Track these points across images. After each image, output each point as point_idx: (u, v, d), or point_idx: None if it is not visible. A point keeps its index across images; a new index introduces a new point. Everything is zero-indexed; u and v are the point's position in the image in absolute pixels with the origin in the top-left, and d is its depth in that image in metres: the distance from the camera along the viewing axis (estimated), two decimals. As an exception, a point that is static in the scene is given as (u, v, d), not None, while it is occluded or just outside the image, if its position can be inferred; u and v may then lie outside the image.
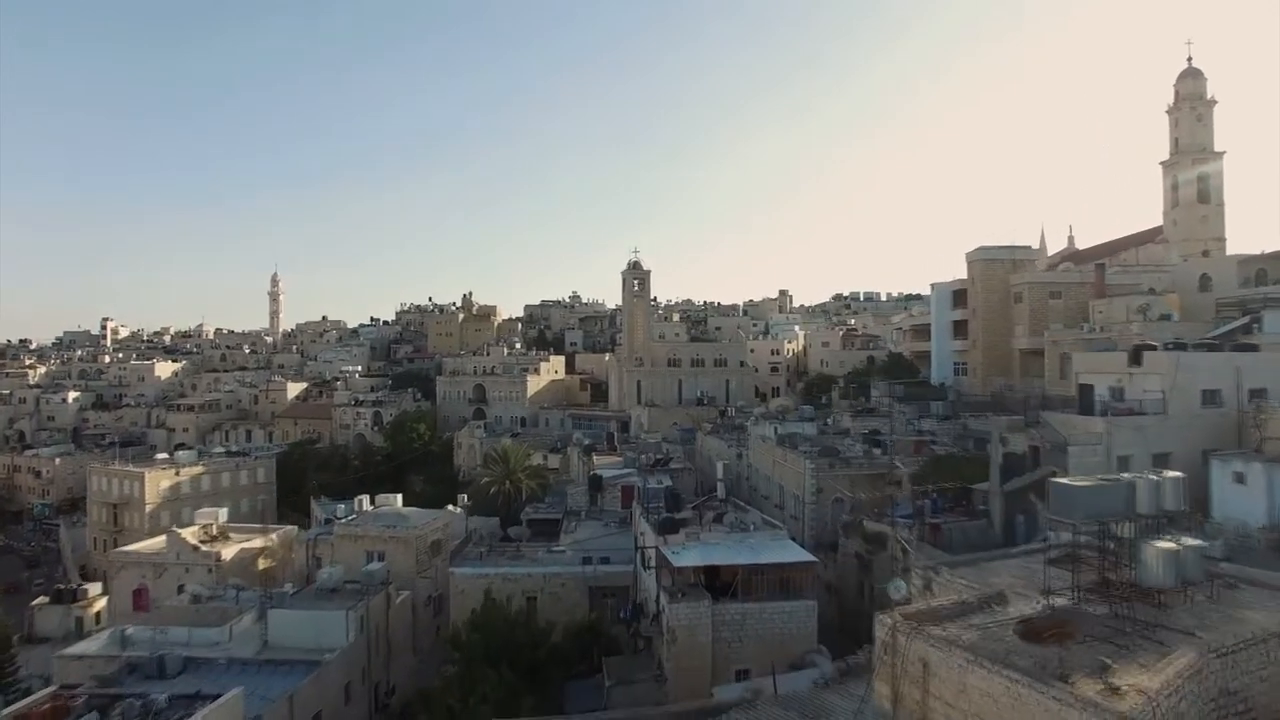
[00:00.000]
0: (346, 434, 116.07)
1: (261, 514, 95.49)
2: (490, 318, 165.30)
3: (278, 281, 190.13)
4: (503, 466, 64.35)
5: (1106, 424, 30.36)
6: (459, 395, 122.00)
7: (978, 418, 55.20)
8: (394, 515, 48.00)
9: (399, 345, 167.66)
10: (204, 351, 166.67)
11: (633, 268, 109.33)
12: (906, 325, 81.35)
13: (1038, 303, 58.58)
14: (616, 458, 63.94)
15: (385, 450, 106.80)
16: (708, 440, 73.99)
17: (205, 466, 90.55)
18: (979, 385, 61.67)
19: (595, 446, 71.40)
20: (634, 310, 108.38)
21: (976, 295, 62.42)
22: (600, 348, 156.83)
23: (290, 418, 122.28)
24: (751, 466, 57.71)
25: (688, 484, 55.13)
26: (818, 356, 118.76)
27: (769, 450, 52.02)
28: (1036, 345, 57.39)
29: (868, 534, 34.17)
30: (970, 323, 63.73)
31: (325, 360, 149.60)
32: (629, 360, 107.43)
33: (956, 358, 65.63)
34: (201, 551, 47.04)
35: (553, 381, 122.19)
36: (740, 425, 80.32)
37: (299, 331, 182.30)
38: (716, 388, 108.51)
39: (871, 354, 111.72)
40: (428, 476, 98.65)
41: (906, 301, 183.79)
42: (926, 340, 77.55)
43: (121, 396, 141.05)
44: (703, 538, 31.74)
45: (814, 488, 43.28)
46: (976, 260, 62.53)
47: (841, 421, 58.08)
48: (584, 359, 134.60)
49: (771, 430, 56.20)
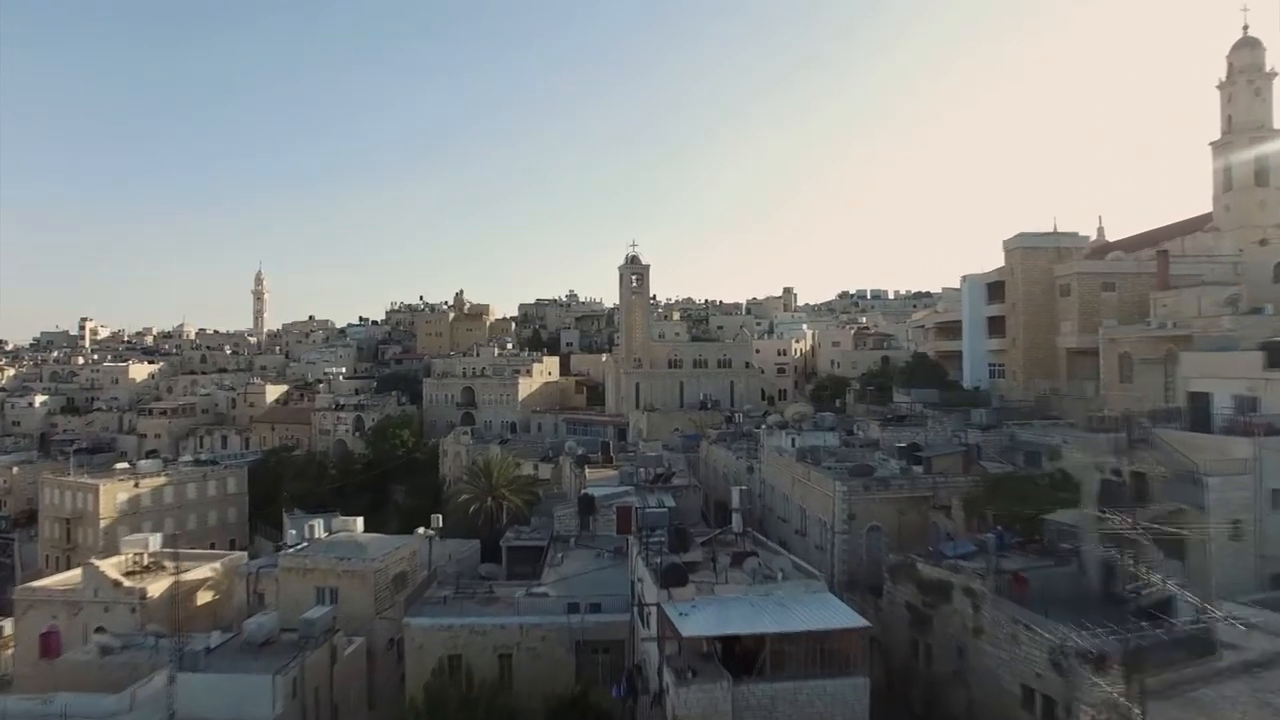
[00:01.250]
0: (326, 440, 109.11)
1: (231, 528, 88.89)
2: (482, 317, 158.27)
3: (262, 280, 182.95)
4: (484, 481, 57.39)
5: (1255, 446, 23.47)
6: (446, 399, 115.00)
7: (1022, 425, 48.36)
8: (350, 544, 40.99)
9: (387, 346, 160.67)
10: (183, 353, 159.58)
11: (630, 262, 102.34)
12: (930, 323, 74.45)
13: (1088, 296, 51.65)
14: (612, 471, 56.96)
15: (366, 458, 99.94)
16: (713, 450, 67.10)
17: (169, 477, 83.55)
18: (1019, 388, 54.74)
19: (589, 457, 64.42)
20: (632, 307, 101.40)
21: (1016, 288, 55.46)
22: (598, 348, 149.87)
23: (268, 423, 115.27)
24: (766, 484, 50.78)
25: (693, 504, 48.21)
26: (828, 357, 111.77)
27: (787, 466, 45.08)
28: (1088, 344, 50.50)
29: (924, 581, 27.22)
30: (1009, 319, 56.76)
31: (309, 362, 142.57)
32: (627, 361, 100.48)
33: (992, 358, 58.67)
34: (124, 588, 40.03)
35: (546, 384, 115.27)
36: (748, 432, 73.48)
37: (284, 332, 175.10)
38: (720, 390, 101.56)
39: (886, 354, 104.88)
40: (410, 487, 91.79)
41: (915, 299, 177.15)
42: (953, 338, 70.62)
43: (93, 400, 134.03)
44: (718, 591, 24.83)
45: (846, 514, 36.34)
46: (1016, 249, 55.52)
47: (868, 431, 51.15)
48: (580, 360, 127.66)
49: (789, 442, 49.30)
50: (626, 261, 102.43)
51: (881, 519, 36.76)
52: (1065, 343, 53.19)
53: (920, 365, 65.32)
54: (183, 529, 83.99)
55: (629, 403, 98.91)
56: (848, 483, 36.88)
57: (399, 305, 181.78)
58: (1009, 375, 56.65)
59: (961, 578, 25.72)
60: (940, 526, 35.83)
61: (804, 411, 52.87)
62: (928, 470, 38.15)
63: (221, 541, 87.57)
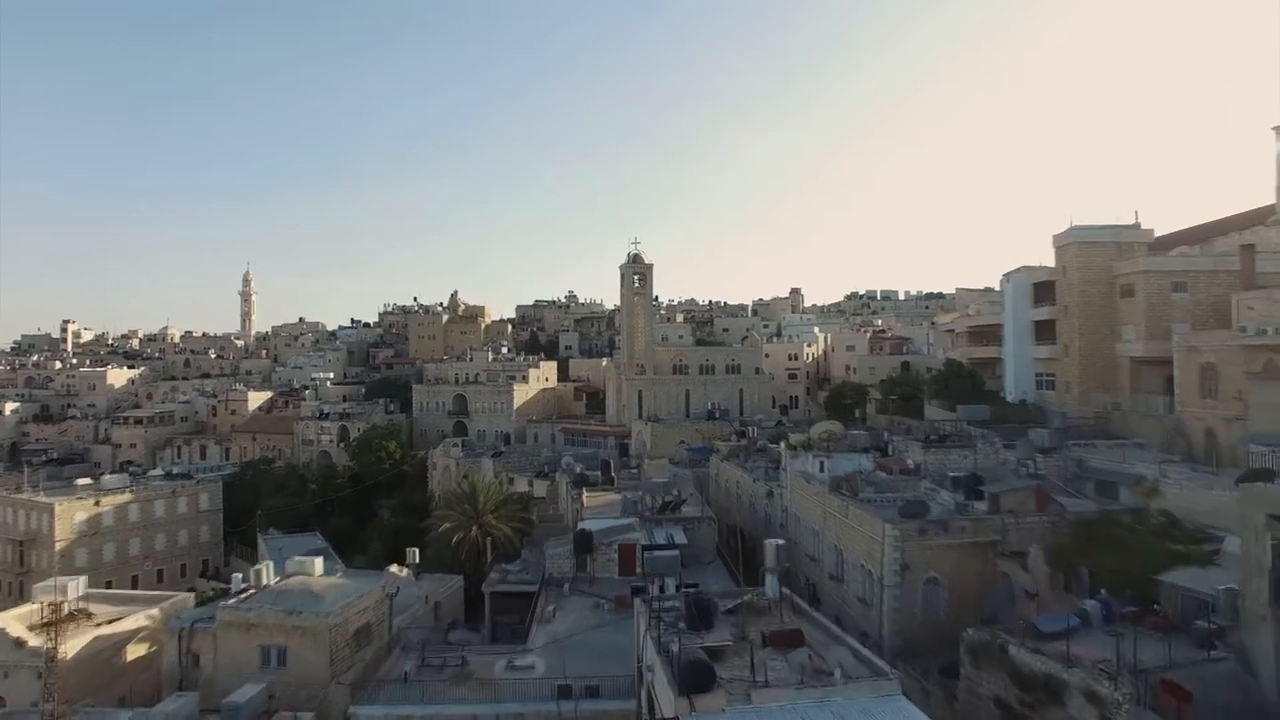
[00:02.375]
0: (310, 451, 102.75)
1: (204, 547, 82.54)
2: (478, 319, 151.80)
3: (250, 281, 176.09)
4: (470, 507, 50.86)
5: None
6: (438, 407, 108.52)
7: (1083, 445, 41.87)
8: (303, 593, 34.54)
9: (378, 349, 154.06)
10: (166, 357, 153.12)
11: (632, 261, 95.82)
12: (960, 327, 67.97)
13: (1156, 297, 45.14)
14: (613, 495, 50.57)
15: (351, 471, 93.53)
16: (725, 469, 60.67)
17: (134, 494, 77.07)
18: (1074, 403, 48.24)
19: (588, 476, 58.04)
20: (634, 310, 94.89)
21: (1070, 289, 48.97)
22: (597, 351, 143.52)
23: (248, 432, 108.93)
24: (790, 513, 44.35)
25: (706, 539, 41.74)
26: (842, 362, 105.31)
27: (818, 497, 38.61)
28: (1157, 352, 44.04)
29: (1021, 673, 20.69)
30: (1060, 323, 50.27)
31: (295, 367, 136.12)
32: (629, 367, 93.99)
33: (1040, 367, 52.18)
34: (28, 648, 33.56)
35: (543, 390, 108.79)
36: (763, 448, 67.09)
37: (272, 335, 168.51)
38: (729, 398, 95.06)
39: (906, 359, 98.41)
40: (397, 503, 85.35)
41: (928, 300, 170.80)
42: (987, 344, 64.18)
43: (68, 407, 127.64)
44: (756, 698, 18.33)
45: (897, 563, 29.88)
46: (1070, 244, 48.98)
47: (906, 452, 44.64)
48: (579, 365, 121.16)
49: (817, 466, 42.79)
50: (628, 260, 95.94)
51: (940, 569, 30.30)
52: (1129, 351, 46.70)
53: (954, 375, 58.89)
54: (150, 550, 78.08)
55: (631, 411, 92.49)
56: (899, 525, 30.40)
57: (392, 307, 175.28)
58: (1061, 387, 50.15)
59: (1080, 675, 19.19)
60: (1014, 580, 29.34)
61: (832, 431, 46.35)
62: (994, 508, 31.66)
63: (193, 563, 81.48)
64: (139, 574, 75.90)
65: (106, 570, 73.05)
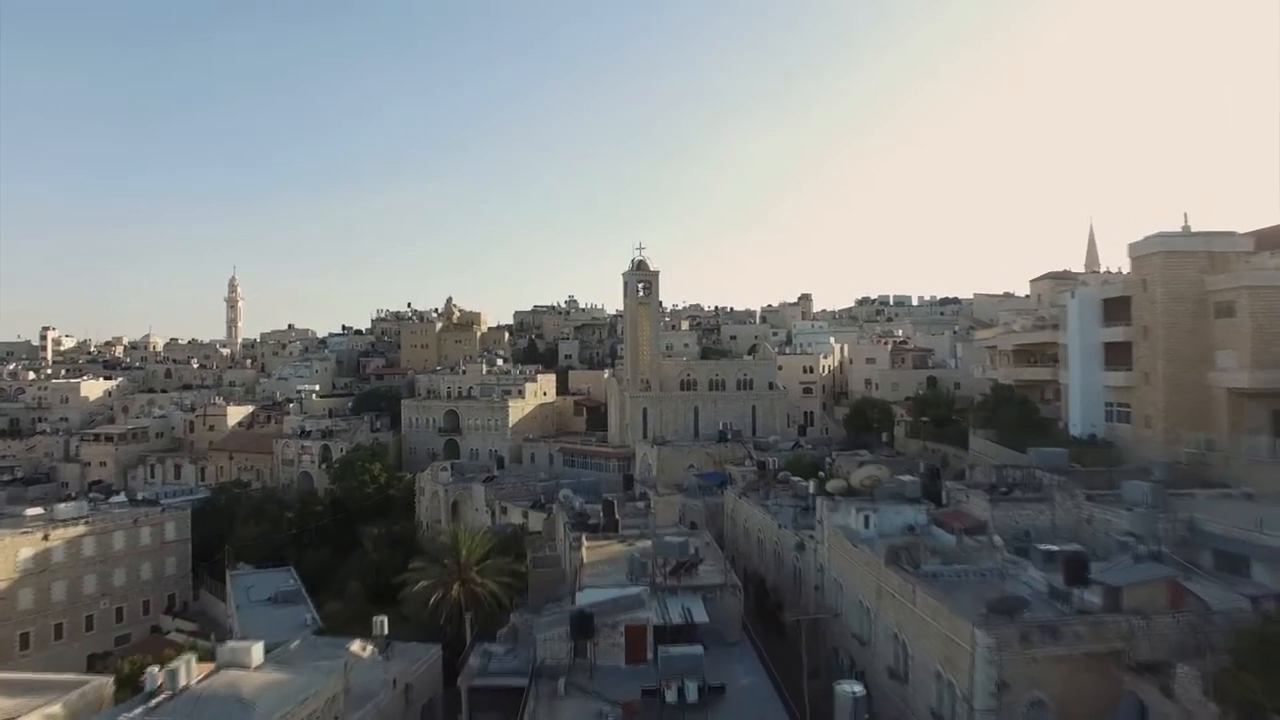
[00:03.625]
0: (290, 472, 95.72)
1: (169, 582, 75.54)
2: (473, 327, 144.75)
3: (236, 286, 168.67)
4: (450, 562, 43.71)
5: None
6: (428, 423, 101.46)
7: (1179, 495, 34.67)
8: (229, 700, 27.40)
9: (369, 358, 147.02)
10: (147, 367, 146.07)
11: (637, 268, 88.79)
12: (1006, 345, 60.68)
13: (1265, 317, 38.03)
14: (617, 545, 43.43)
15: (331, 495, 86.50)
16: (743, 506, 53.68)
17: (89, 525, 70.10)
18: (1158, 441, 41.06)
19: (587, 516, 50.99)
20: (639, 320, 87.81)
21: (1152, 306, 41.77)
22: (599, 361, 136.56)
23: (225, 451, 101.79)
24: (827, 574, 37.39)
25: (732, 612, 34.54)
26: (861, 375, 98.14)
27: (870, 569, 31.55)
28: (1266, 383, 36.97)
29: None
30: (1139, 346, 43.05)
31: (280, 378, 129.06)
32: (632, 383, 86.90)
33: (1112, 396, 44.98)
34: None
35: (541, 405, 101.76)
36: (785, 479, 60.00)
37: (259, 343, 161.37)
38: (741, 416, 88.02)
39: (932, 374, 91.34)
40: (381, 534, 78.22)
41: (943, 305, 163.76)
42: (1038, 364, 57.01)
43: (38, 421, 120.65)
44: None
45: (993, 681, 22.76)
46: (1152, 254, 41.70)
47: (967, 502, 37.47)
48: (579, 377, 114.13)
49: (861, 520, 35.77)
50: (632, 267, 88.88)
51: (1048, 687, 23.19)
52: (1227, 381, 39.54)
53: (1003, 401, 51.86)
54: (107, 587, 71.05)
55: (635, 431, 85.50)
56: (993, 628, 23.24)
57: (385, 313, 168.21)
58: (1139, 421, 42.92)
59: None
60: (1151, 707, 22.18)
61: (876, 476, 39.31)
62: (1111, 603, 24.49)
63: (158, 599, 74.49)
64: (94, 614, 69.15)
65: (56, 612, 66.33)
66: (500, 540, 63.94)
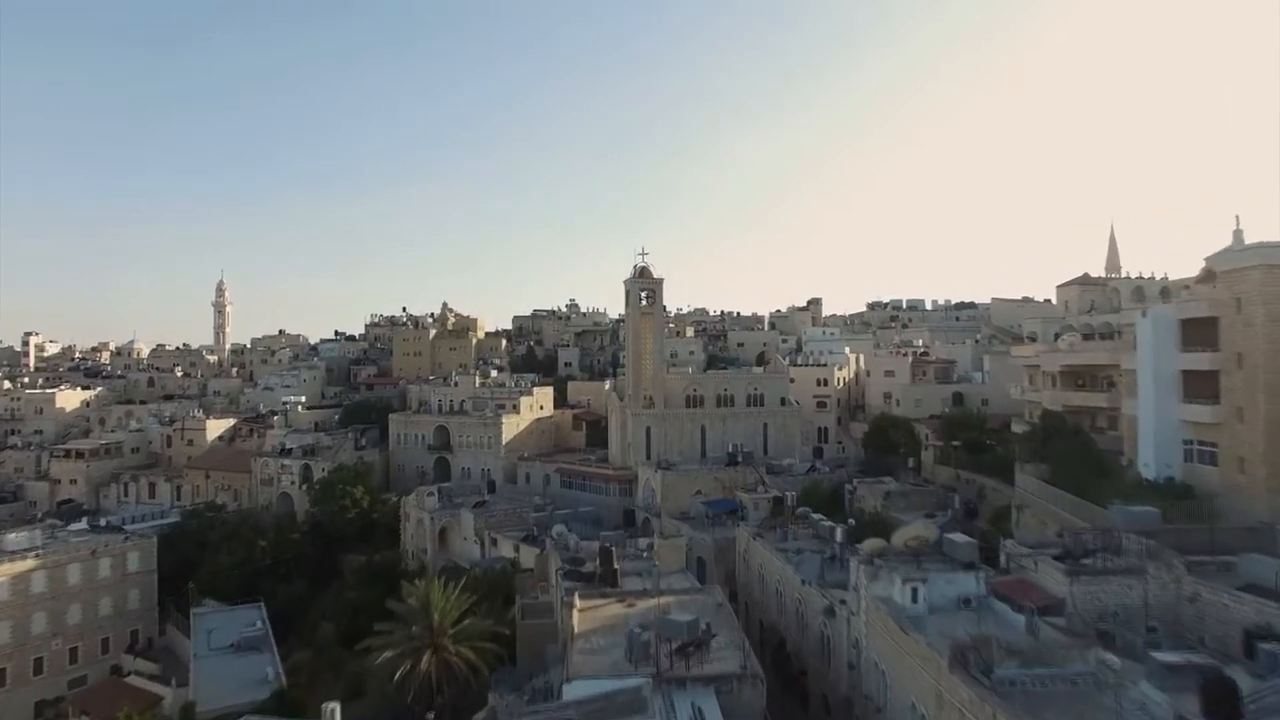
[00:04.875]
0: (269, 492, 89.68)
1: (132, 617, 69.50)
2: (468, 334, 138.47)
3: (224, 290, 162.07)
4: (421, 628, 37.48)
5: None
6: (417, 439, 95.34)
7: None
8: None
9: (361, 366, 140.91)
10: (129, 375, 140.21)
11: (639, 275, 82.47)
12: (1052, 365, 54.08)
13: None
14: (615, 606, 37.19)
15: (312, 520, 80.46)
16: (757, 549, 47.58)
17: (40, 559, 64.17)
18: (1258, 490, 34.68)
19: (582, 565, 44.80)
20: (641, 332, 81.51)
21: (1249, 330, 35.27)
22: (600, 370, 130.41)
23: (202, 468, 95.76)
24: (865, 655, 31.16)
25: (752, 708, 28.34)
26: (879, 389, 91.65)
27: (928, 667, 25.33)
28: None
29: None
30: (1229, 377, 36.52)
31: (265, 388, 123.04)
32: (634, 399, 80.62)
33: (1193, 434, 38.52)
34: None
35: (537, 420, 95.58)
36: (804, 515, 53.77)
37: (249, 350, 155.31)
38: (751, 435, 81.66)
39: (957, 389, 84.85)
40: (363, 565, 72.13)
41: (958, 310, 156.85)
42: (1089, 388, 50.63)
43: (11, 434, 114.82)
44: None
45: None
46: (1249, 269, 35.17)
47: (1037, 574, 31.07)
48: (579, 388, 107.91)
49: (908, 593, 29.57)
50: (634, 274, 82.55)
51: None
52: (1340, 421, 33.33)
53: (1055, 432, 45.58)
54: (60, 626, 65.02)
55: (637, 451, 79.24)
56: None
57: (379, 318, 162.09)
58: (1228, 464, 36.45)
59: None
60: None
61: (923, 537, 33.06)
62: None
63: (118, 636, 68.35)
64: (44, 656, 63.18)
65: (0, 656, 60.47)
66: (488, 579, 57.97)
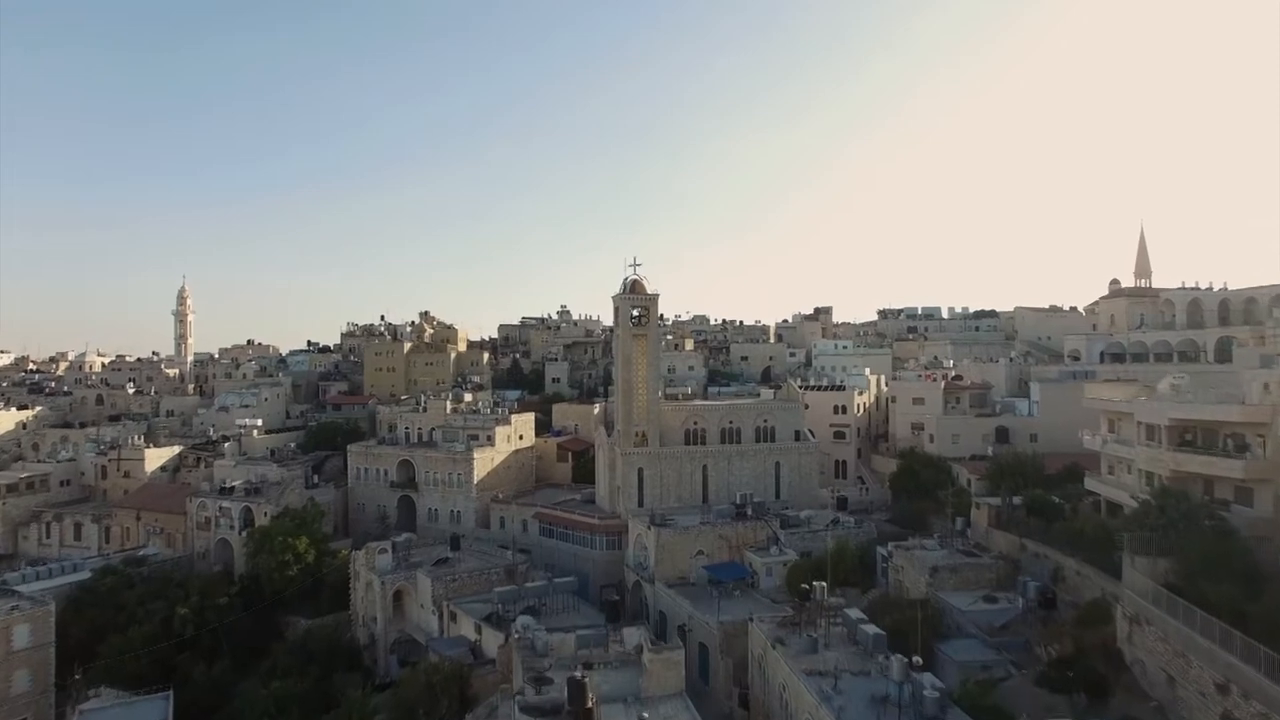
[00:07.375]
0: (206, 538, 77.71)
1: (20, 704, 57.62)
2: (447, 346, 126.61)
3: (186, 298, 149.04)
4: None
5: None
6: (379, 475, 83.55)
7: None
8: None
9: (330, 382, 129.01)
10: (77, 392, 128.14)
11: (631, 290, 70.44)
12: (1154, 417, 41.51)
13: None
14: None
15: (249, 576, 68.72)
16: (778, 666, 36.12)
17: (-99, 640, 52.27)
18: None
19: (547, 694, 33.26)
20: (633, 357, 69.62)
21: None
22: (590, 387, 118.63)
23: (133, 508, 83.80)
24: None
25: None
26: (906, 418, 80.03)
27: None
28: None
29: None
30: None
31: (220, 408, 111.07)
32: (625, 436, 68.83)
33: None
34: None
35: (516, 453, 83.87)
36: (837, 609, 42.15)
37: (213, 361, 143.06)
38: (761, 477, 70.06)
39: (1000, 423, 73.03)
40: (296, 642, 60.26)
41: (977, 319, 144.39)
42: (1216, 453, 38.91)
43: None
44: None
45: None
46: None
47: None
48: (565, 411, 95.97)
49: None
50: (624, 289, 70.55)
51: None
52: None
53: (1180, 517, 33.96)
54: (-76, 721, 53.47)
55: (628, 495, 67.56)
56: None
57: (355, 327, 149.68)
58: None
59: None
60: None
61: None
62: None
63: (5, 727, 56.72)
64: (-100, 764, 51.49)
65: None
66: (442, 673, 46.57)
